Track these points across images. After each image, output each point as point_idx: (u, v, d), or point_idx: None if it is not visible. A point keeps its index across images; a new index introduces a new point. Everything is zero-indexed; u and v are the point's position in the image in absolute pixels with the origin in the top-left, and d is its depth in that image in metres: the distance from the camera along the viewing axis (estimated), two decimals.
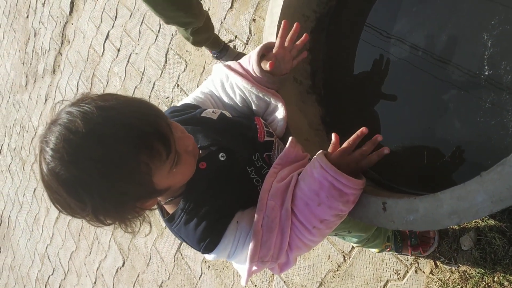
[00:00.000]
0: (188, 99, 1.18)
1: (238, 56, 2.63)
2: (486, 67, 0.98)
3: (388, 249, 1.77)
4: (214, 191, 0.96)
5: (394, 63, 1.17)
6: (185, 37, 2.41)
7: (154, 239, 3.25)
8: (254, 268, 0.91)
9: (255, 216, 0.92)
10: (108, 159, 0.75)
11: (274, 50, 1.10)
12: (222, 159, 0.98)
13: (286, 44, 1.11)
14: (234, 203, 0.96)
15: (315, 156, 0.94)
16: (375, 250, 1.79)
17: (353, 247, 2.01)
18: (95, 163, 0.74)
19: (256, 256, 0.90)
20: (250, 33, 2.70)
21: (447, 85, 1.05)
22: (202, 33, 2.37)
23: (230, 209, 0.95)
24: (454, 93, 1.04)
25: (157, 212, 1.04)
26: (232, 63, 1.15)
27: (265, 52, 1.12)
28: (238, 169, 1.00)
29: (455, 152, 1.01)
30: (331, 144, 0.97)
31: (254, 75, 1.09)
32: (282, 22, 1.11)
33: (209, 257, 0.95)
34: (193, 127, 1.02)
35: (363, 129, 0.95)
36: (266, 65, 1.08)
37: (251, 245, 0.90)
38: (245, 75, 1.10)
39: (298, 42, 1.13)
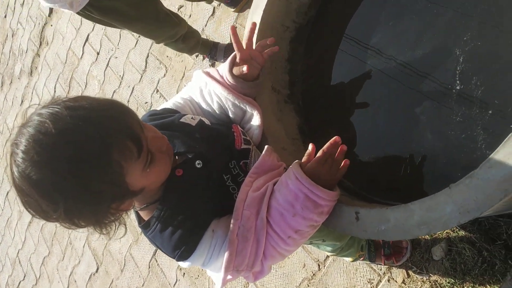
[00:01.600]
0: (168, 104, 1.17)
1: (228, 47, 2.67)
2: (458, 81, 1.01)
3: (362, 258, 1.79)
4: (190, 199, 0.96)
5: (371, 75, 1.19)
6: (179, 49, 2.50)
7: (129, 245, 3.22)
8: (229, 277, 0.92)
9: (231, 225, 0.92)
10: (79, 158, 0.74)
11: (237, 55, 1.11)
12: (198, 166, 0.98)
13: (250, 45, 1.12)
14: (209, 211, 0.97)
15: (290, 167, 0.95)
16: (349, 259, 1.81)
17: (327, 256, 2.03)
18: (66, 162, 0.74)
19: (231, 265, 0.90)
20: (231, 40, 2.71)
21: (421, 97, 1.08)
22: (190, 37, 2.45)
23: (205, 217, 0.95)
24: (427, 106, 1.06)
25: (132, 217, 1.03)
26: (211, 70, 1.15)
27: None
28: (215, 177, 1.00)
29: (427, 164, 1.04)
30: (306, 154, 0.99)
31: (228, 83, 1.10)
32: (251, 24, 1.13)
33: (184, 264, 0.95)
34: (170, 132, 1.01)
35: (336, 138, 0.96)
36: (238, 71, 1.09)
37: (226, 254, 0.90)
38: (223, 82, 1.11)
39: (267, 50, 1.14)
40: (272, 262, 0.97)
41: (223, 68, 1.13)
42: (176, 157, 0.99)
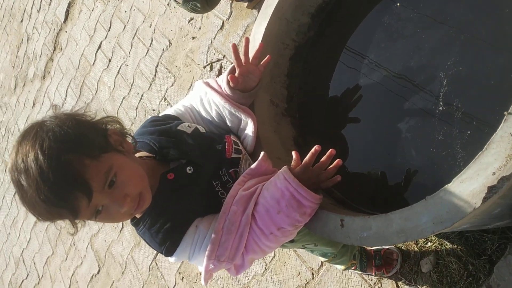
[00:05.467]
0: (170, 111, 1.27)
1: None
2: (441, 103, 1.09)
3: (353, 268, 1.85)
4: (178, 200, 1.06)
5: (363, 92, 1.27)
6: None
7: (131, 248, 3.30)
8: (211, 266, 1.00)
9: (218, 217, 1.02)
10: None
11: (237, 70, 1.20)
12: (189, 172, 1.08)
13: (247, 60, 1.21)
14: (195, 211, 1.06)
15: (280, 170, 1.04)
16: (341, 267, 1.87)
17: (322, 264, 2.09)
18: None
19: (214, 254, 0.99)
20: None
21: (408, 116, 1.16)
22: None
23: (190, 216, 1.05)
24: (412, 124, 1.14)
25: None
26: (210, 81, 1.25)
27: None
28: (204, 182, 1.10)
29: (409, 177, 1.11)
30: (292, 160, 1.08)
31: (225, 93, 1.19)
32: (259, 45, 1.22)
33: (172, 259, 1.05)
34: (167, 138, 1.11)
35: (331, 150, 1.07)
36: (235, 84, 1.18)
37: (210, 244, 0.99)
38: (221, 91, 1.20)
39: (262, 62, 1.24)
40: (253, 257, 1.05)
41: (221, 79, 1.22)
42: (170, 163, 1.10)
